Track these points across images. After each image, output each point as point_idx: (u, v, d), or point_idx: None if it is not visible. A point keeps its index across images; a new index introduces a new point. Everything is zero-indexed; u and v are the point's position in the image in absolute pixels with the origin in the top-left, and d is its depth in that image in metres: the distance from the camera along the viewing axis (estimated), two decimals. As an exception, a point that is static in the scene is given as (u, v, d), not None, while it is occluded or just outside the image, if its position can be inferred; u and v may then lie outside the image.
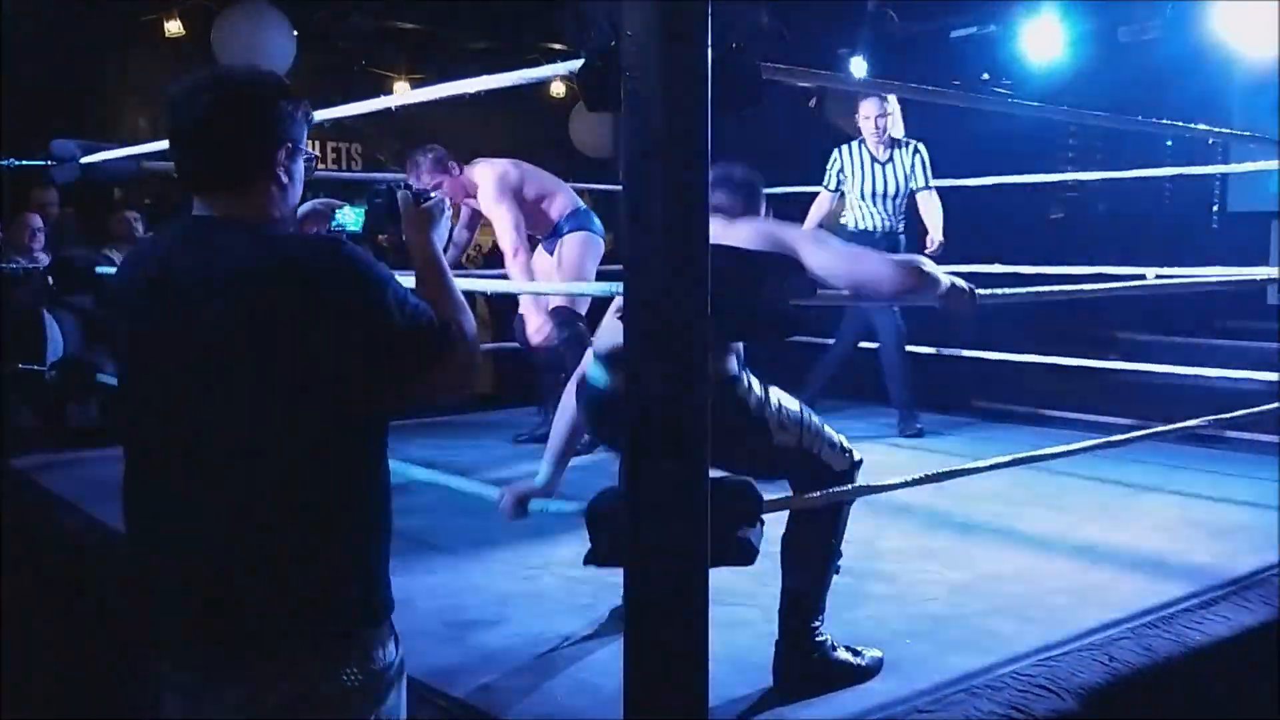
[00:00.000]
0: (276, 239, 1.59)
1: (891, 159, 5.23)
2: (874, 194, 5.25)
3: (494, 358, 6.24)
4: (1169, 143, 9.60)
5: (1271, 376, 4.24)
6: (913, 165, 5.26)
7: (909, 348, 5.30)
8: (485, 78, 2.54)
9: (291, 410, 1.53)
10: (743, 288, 1.94)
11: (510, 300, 5.73)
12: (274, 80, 1.67)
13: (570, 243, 4.61)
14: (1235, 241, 8.80)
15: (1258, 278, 3.92)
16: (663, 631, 1.70)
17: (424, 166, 4.47)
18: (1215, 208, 10.64)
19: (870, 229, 5.25)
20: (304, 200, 1.82)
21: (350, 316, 1.52)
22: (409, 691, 1.66)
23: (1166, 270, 5.31)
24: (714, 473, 1.95)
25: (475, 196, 4.60)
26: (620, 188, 1.78)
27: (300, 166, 1.68)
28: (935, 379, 6.32)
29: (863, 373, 5.56)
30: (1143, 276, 4.62)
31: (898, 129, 5.28)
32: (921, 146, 5.29)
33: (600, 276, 4.55)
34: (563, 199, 4.68)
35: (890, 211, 5.27)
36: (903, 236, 5.29)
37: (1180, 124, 3.68)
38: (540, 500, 2.52)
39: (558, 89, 8.52)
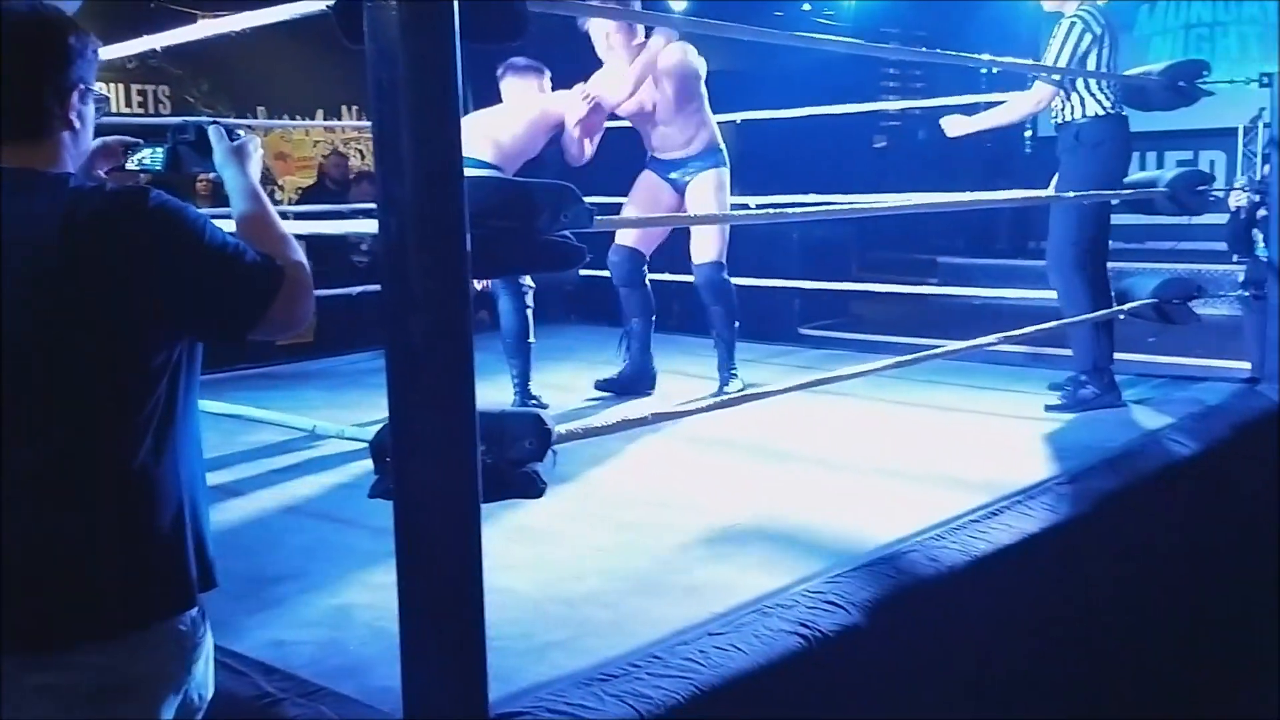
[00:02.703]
0: (81, 191, 1.48)
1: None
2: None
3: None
4: (984, 70, 9.93)
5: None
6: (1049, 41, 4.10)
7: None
8: (251, 12, 2.44)
9: (104, 375, 1.45)
10: (512, 221, 1.92)
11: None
12: (59, 16, 1.54)
13: (707, 178, 4.40)
14: (1048, 165, 9.21)
15: (1043, 195, 4.07)
16: (433, 569, 1.68)
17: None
18: (1029, 133, 11.10)
19: None
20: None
21: (170, 266, 1.45)
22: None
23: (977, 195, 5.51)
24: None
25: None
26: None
27: (91, 110, 1.58)
28: (761, 308, 6.44)
29: (668, 301, 5.51)
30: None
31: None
32: (1069, 21, 4.01)
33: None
34: (712, 129, 4.47)
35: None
36: (1059, 139, 4.15)
37: (976, 56, 3.77)
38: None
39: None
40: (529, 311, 4.26)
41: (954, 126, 4.28)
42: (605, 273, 4.63)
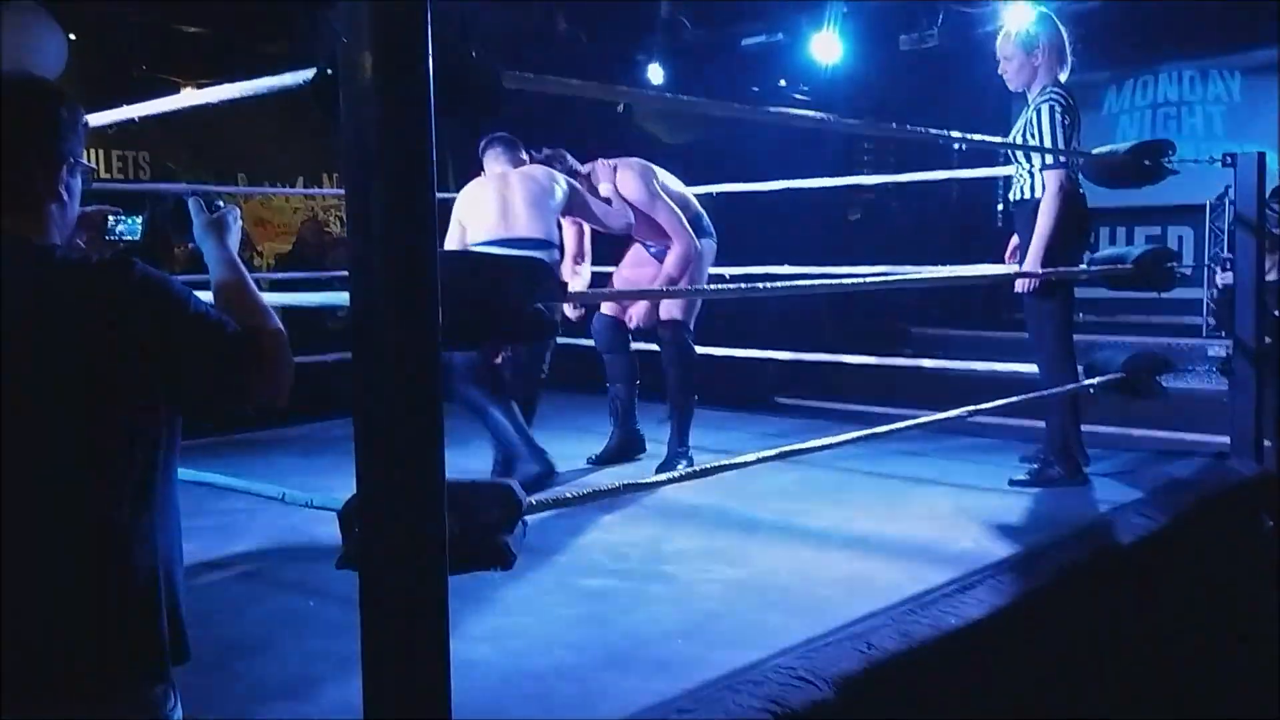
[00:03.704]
0: (67, 261, 1.49)
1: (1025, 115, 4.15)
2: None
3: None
4: (956, 147, 10.10)
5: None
6: (1024, 126, 4.12)
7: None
8: (233, 85, 2.46)
9: (87, 443, 1.45)
10: (481, 295, 1.94)
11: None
12: (51, 89, 1.56)
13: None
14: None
15: (1013, 271, 4.11)
16: (399, 642, 1.67)
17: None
18: (1000, 206, 11.27)
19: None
20: None
21: (153, 337, 1.45)
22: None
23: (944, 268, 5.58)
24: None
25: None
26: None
27: (79, 182, 1.59)
28: (736, 376, 6.47)
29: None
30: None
31: (1013, 79, 4.20)
32: (1046, 104, 4.01)
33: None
34: (685, 208, 4.57)
35: (1013, 178, 4.24)
36: (1021, 214, 4.13)
37: (947, 133, 3.83)
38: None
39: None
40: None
41: (1025, 282, 4.05)
42: (578, 340, 4.68)
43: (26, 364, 1.42)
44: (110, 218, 1.87)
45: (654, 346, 4.73)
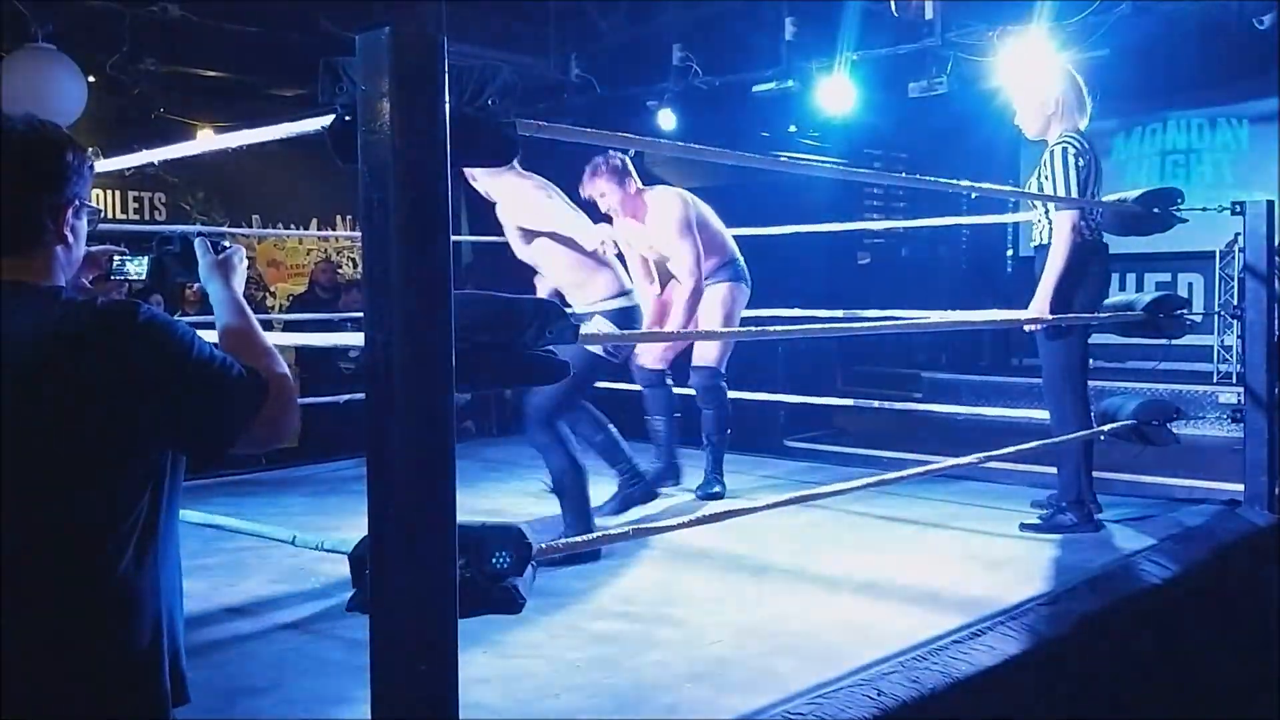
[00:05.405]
0: (70, 305, 1.50)
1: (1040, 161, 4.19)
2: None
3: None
4: (965, 194, 10.15)
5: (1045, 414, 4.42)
6: (1038, 171, 4.16)
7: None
8: (249, 131, 2.50)
9: (89, 486, 1.45)
10: (497, 336, 1.95)
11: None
12: (57, 132, 1.57)
13: (715, 291, 4.65)
14: (1028, 283, 9.36)
15: (1023, 316, 4.11)
16: (408, 685, 1.67)
17: (602, 170, 4.41)
18: (1010, 252, 11.33)
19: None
20: None
21: (157, 381, 1.46)
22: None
23: (953, 313, 5.59)
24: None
25: (643, 220, 4.51)
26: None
27: (84, 224, 1.60)
28: (747, 419, 6.47)
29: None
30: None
31: (1029, 127, 4.22)
32: (1060, 147, 4.01)
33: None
34: (723, 247, 4.72)
35: (1030, 223, 4.31)
36: (1041, 259, 4.13)
37: (955, 182, 3.85)
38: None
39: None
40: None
41: (1037, 316, 4.01)
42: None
43: (30, 407, 1.43)
44: (116, 258, 1.89)
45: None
